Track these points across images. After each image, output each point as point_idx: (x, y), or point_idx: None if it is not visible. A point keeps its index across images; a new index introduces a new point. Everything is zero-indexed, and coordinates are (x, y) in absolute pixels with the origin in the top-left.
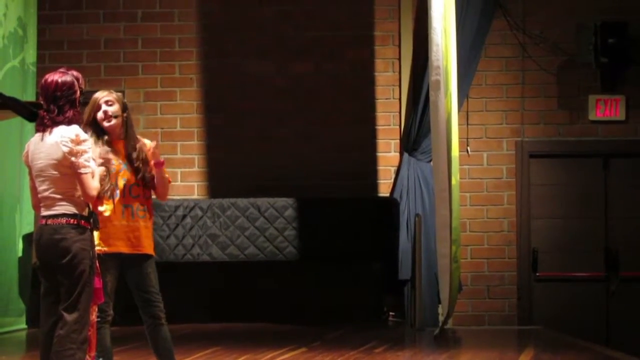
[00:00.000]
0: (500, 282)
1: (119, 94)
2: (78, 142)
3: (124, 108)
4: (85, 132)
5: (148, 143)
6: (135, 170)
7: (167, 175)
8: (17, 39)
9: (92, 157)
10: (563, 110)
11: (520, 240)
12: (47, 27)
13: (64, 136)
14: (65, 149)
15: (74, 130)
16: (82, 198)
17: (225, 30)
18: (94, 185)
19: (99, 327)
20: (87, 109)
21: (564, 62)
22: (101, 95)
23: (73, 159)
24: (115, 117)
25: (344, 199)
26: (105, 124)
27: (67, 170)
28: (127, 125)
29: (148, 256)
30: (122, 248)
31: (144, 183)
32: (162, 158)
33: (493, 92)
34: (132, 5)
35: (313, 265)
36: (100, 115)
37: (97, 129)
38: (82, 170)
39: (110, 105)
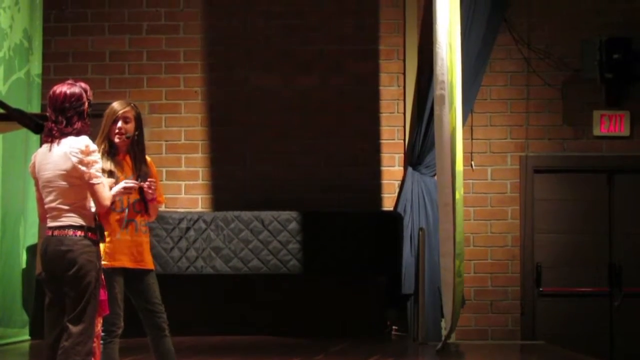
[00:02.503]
0: (504, 296)
1: (138, 110)
2: (88, 152)
3: (139, 124)
4: (100, 143)
5: (148, 160)
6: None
7: (161, 199)
8: (22, 51)
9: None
10: (567, 126)
11: (524, 255)
12: (52, 39)
13: (73, 147)
14: (75, 160)
15: (84, 141)
16: (91, 210)
17: (231, 44)
18: (107, 194)
19: (109, 341)
20: (105, 120)
21: (569, 77)
22: (120, 109)
23: (84, 168)
24: (128, 137)
25: (348, 213)
26: (116, 139)
27: (76, 181)
28: (137, 143)
29: (150, 270)
30: (126, 263)
31: (144, 198)
32: (154, 194)
33: (497, 106)
34: (137, 18)
35: (316, 279)
36: (114, 129)
37: (110, 141)
38: (94, 181)
39: (127, 122)
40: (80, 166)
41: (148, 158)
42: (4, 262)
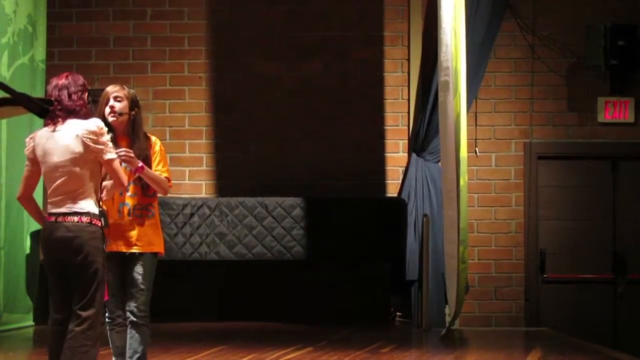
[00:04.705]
0: (508, 283)
1: (132, 90)
2: (101, 133)
3: (133, 105)
4: None
5: (153, 139)
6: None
7: (158, 175)
8: (26, 36)
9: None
10: (572, 112)
11: (528, 241)
12: (56, 24)
13: (86, 129)
14: (88, 141)
15: (95, 122)
16: (95, 196)
17: (235, 30)
18: (124, 174)
19: (111, 327)
20: (99, 105)
21: (574, 64)
22: (111, 90)
23: (100, 147)
24: (121, 114)
25: (352, 199)
26: (110, 118)
27: (88, 165)
28: (134, 123)
29: (145, 254)
30: (119, 247)
31: (142, 182)
32: (139, 163)
33: (502, 93)
34: (142, 3)
35: (320, 265)
36: (106, 110)
37: (106, 125)
38: (111, 156)
39: (119, 101)
40: (95, 146)
41: (153, 137)
42: (8, 248)
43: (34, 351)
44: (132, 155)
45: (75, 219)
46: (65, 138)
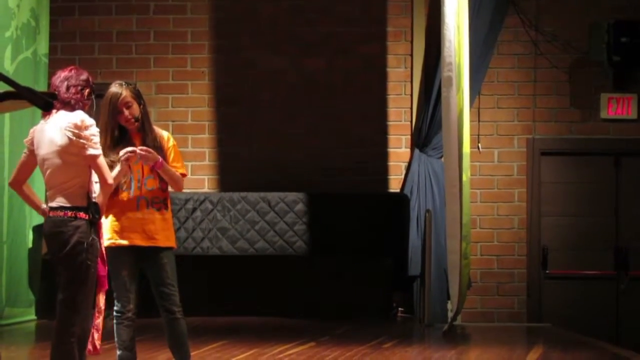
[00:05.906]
0: (510, 279)
1: (133, 86)
2: (84, 126)
3: (140, 101)
4: (106, 132)
5: (165, 134)
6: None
7: (175, 172)
8: (29, 30)
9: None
10: (575, 108)
11: (530, 237)
12: (59, 18)
13: (68, 122)
14: (70, 134)
15: (78, 116)
16: (82, 188)
17: (238, 24)
18: (109, 171)
19: (119, 322)
20: (107, 110)
21: (577, 60)
22: (117, 93)
23: (83, 142)
24: (137, 120)
25: (354, 194)
26: (130, 127)
27: (71, 158)
28: (143, 117)
29: (164, 249)
30: (137, 241)
31: (159, 174)
32: (159, 158)
33: (505, 89)
34: None
35: (322, 260)
36: (122, 120)
37: (119, 130)
38: (94, 152)
39: (129, 106)
40: (77, 139)
41: (165, 133)
42: (11, 242)
43: (36, 345)
44: (151, 152)
45: (61, 213)
46: (51, 130)
